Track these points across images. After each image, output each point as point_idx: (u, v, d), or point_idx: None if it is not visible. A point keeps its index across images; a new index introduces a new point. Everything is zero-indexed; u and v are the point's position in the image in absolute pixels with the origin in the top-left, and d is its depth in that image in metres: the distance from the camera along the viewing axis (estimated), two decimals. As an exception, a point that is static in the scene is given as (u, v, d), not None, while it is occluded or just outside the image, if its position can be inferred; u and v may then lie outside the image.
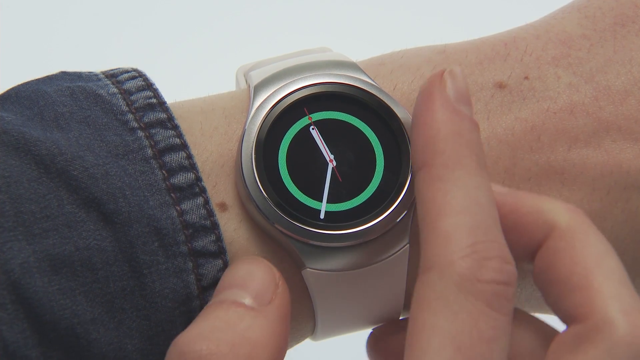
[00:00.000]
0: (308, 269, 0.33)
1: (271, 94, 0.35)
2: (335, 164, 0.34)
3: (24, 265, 0.30)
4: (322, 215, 0.34)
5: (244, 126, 0.34)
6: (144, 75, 0.36)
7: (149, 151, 0.33)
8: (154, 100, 0.34)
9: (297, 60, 0.36)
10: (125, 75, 0.35)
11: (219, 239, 0.33)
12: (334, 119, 0.35)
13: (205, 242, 0.32)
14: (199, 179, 0.33)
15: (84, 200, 0.31)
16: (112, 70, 0.36)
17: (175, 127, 0.34)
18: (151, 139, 0.33)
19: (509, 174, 0.35)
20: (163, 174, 0.33)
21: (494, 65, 0.37)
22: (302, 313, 0.35)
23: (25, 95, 0.34)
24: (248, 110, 0.35)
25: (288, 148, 0.34)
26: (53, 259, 0.30)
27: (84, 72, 0.36)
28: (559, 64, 0.37)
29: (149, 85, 0.35)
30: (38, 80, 0.35)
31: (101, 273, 0.31)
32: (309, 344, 0.38)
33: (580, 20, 0.38)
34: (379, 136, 0.35)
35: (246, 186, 0.33)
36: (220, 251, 0.33)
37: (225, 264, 0.33)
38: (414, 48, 0.39)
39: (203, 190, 0.33)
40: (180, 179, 0.33)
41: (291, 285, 0.34)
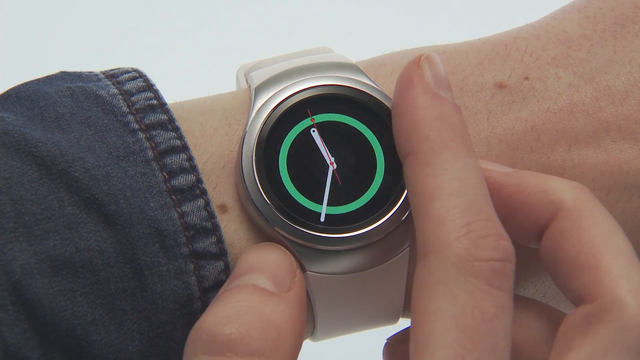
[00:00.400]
0: (308, 272, 0.33)
1: (272, 96, 0.35)
2: (335, 166, 0.34)
3: (25, 266, 0.30)
4: (323, 218, 0.34)
5: (245, 128, 0.34)
6: (145, 75, 0.35)
7: (150, 153, 0.33)
8: (155, 102, 0.34)
9: (298, 61, 0.36)
10: (126, 75, 0.35)
11: (219, 240, 0.33)
12: (334, 121, 0.35)
13: (206, 244, 0.32)
14: (199, 181, 0.33)
15: (84, 202, 0.31)
16: (113, 70, 0.36)
17: (176, 129, 0.34)
18: (152, 140, 0.33)
19: None
20: (164, 175, 0.33)
21: (494, 65, 0.37)
22: (302, 314, 0.35)
23: (26, 95, 0.34)
24: (249, 112, 0.35)
25: (289, 150, 0.34)
26: (54, 260, 0.30)
27: (84, 72, 0.36)
28: (559, 64, 0.37)
29: (149, 86, 0.35)
30: (38, 80, 0.35)
31: (102, 274, 0.31)
32: (308, 345, 0.38)
33: (581, 21, 0.38)
34: (379, 139, 0.35)
35: (246, 188, 0.33)
36: (221, 253, 0.33)
37: (227, 266, 0.33)
38: (414, 48, 0.39)
39: (204, 192, 0.33)
40: (181, 181, 0.33)
41: None
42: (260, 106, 0.35)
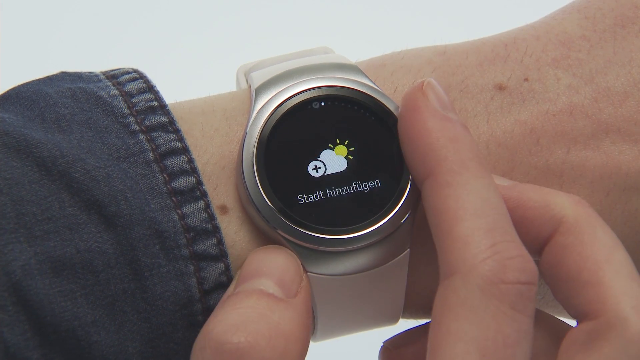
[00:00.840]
0: (308, 273, 0.33)
1: (272, 97, 0.35)
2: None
3: (25, 267, 0.30)
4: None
5: (245, 129, 0.34)
6: (145, 76, 0.35)
7: (150, 155, 0.33)
8: (155, 103, 0.34)
9: (298, 62, 0.36)
10: (126, 76, 0.35)
11: (220, 242, 0.33)
12: None
13: (206, 246, 0.32)
14: (200, 183, 0.33)
15: (85, 203, 0.31)
16: (113, 70, 0.36)
17: (177, 131, 0.34)
18: (152, 142, 0.33)
19: (507, 179, 0.35)
20: (164, 177, 0.33)
21: (494, 67, 0.37)
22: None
23: (26, 96, 0.34)
24: (249, 113, 0.35)
25: None
26: (54, 261, 0.30)
27: (84, 73, 0.36)
28: (558, 65, 0.37)
29: (150, 88, 0.35)
30: (39, 80, 0.35)
31: (102, 275, 0.31)
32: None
33: (580, 21, 0.38)
34: (380, 140, 0.35)
35: (247, 189, 0.33)
36: (221, 254, 0.33)
37: (227, 267, 0.33)
38: (414, 49, 0.38)
39: (204, 194, 0.33)
40: (181, 182, 0.33)
41: None
42: (261, 107, 0.35)
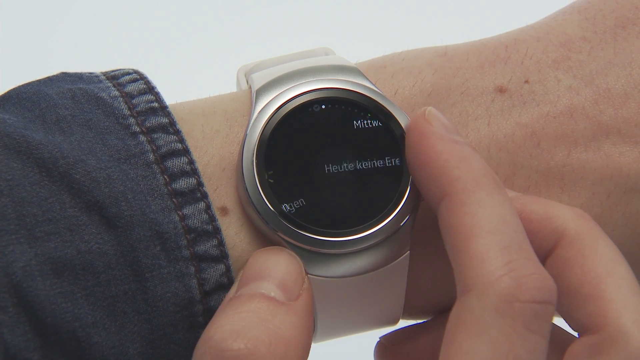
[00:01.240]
0: (309, 275, 0.33)
1: (273, 99, 0.35)
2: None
3: (26, 268, 0.30)
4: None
5: (246, 130, 0.34)
6: (145, 77, 0.35)
7: (151, 156, 0.33)
8: (156, 105, 0.34)
9: (299, 64, 0.36)
10: (127, 77, 0.35)
11: (220, 243, 0.33)
12: None
13: (207, 247, 0.33)
14: (200, 184, 0.33)
15: (86, 204, 0.31)
16: (113, 71, 0.36)
17: (177, 132, 0.34)
18: (153, 143, 0.33)
19: (508, 184, 0.35)
20: (165, 179, 0.33)
21: (495, 68, 0.37)
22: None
23: (27, 97, 0.34)
24: (250, 114, 0.35)
25: None
26: (55, 262, 0.30)
27: (85, 73, 0.36)
28: (559, 67, 0.37)
29: (150, 89, 0.35)
30: (39, 81, 0.35)
31: (103, 276, 0.31)
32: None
33: (581, 23, 0.38)
34: (380, 142, 0.35)
35: (247, 191, 0.33)
36: (222, 256, 0.33)
37: (228, 269, 0.33)
38: (415, 49, 0.38)
39: (205, 196, 0.33)
40: (182, 184, 0.33)
41: None
42: (261, 109, 0.35)
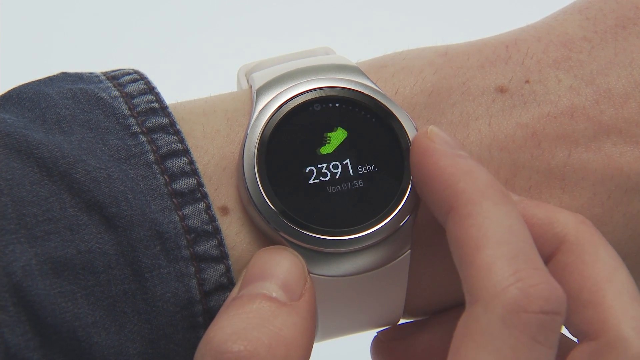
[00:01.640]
0: (310, 274, 0.33)
1: (273, 98, 0.35)
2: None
3: (26, 268, 0.30)
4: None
5: (246, 130, 0.34)
6: (146, 78, 0.35)
7: (151, 156, 0.33)
8: (156, 105, 0.34)
9: (300, 63, 0.36)
10: (127, 77, 0.35)
11: (221, 243, 0.33)
12: None
13: (207, 247, 0.32)
14: (200, 185, 0.33)
15: (86, 204, 0.31)
16: (114, 71, 0.36)
17: (177, 133, 0.34)
18: (153, 144, 0.33)
19: (509, 185, 0.35)
20: (165, 179, 0.33)
21: (496, 68, 0.37)
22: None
23: (27, 96, 0.34)
24: (250, 114, 0.35)
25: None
26: (55, 262, 0.30)
27: (85, 73, 0.36)
28: (560, 66, 0.37)
29: (150, 89, 0.35)
30: (39, 81, 0.35)
31: (103, 276, 0.31)
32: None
33: (582, 22, 0.38)
34: (380, 142, 0.35)
35: (248, 191, 0.33)
36: (222, 256, 0.33)
37: (228, 269, 0.33)
38: (415, 49, 0.38)
39: (205, 196, 0.33)
40: (182, 184, 0.33)
41: None
42: (262, 108, 0.35)
